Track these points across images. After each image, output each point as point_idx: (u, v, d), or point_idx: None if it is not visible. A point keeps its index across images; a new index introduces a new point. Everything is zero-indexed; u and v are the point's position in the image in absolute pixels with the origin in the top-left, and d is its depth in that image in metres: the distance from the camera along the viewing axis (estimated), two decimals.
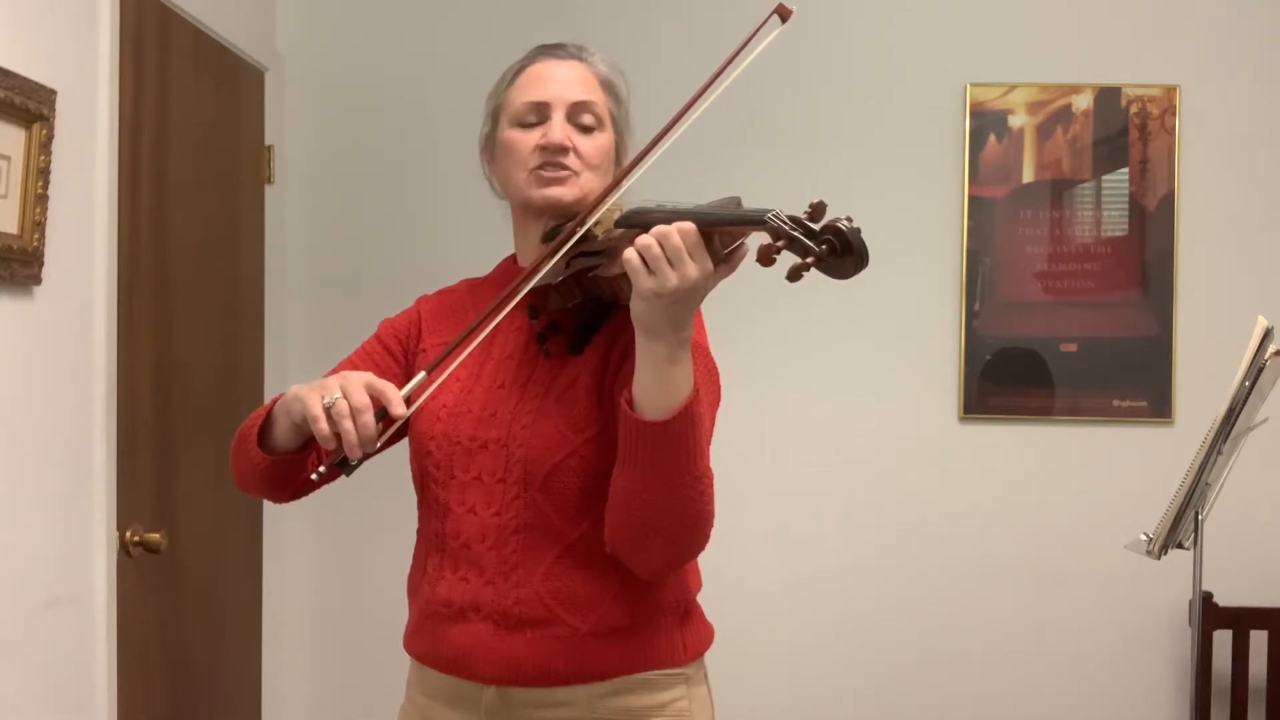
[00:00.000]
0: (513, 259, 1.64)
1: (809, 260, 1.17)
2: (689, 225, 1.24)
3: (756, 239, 1.23)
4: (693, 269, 1.24)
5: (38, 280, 2.02)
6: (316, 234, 3.17)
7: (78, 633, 2.17)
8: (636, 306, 1.28)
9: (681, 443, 1.31)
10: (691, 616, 1.56)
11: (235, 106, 2.91)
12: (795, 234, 1.18)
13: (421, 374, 1.41)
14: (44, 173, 2.00)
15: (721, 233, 1.26)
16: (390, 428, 1.38)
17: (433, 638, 1.51)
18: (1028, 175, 3.09)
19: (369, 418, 1.34)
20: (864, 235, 1.15)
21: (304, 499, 1.62)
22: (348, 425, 1.33)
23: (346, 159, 3.18)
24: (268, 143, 3.06)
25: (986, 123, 3.09)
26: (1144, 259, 3.06)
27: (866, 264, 1.16)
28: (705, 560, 1.54)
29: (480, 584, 1.46)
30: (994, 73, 3.09)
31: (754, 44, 1.37)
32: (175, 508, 2.57)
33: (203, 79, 2.70)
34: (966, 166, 3.09)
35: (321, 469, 1.39)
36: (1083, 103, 3.07)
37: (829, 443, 3.12)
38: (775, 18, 1.37)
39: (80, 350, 2.19)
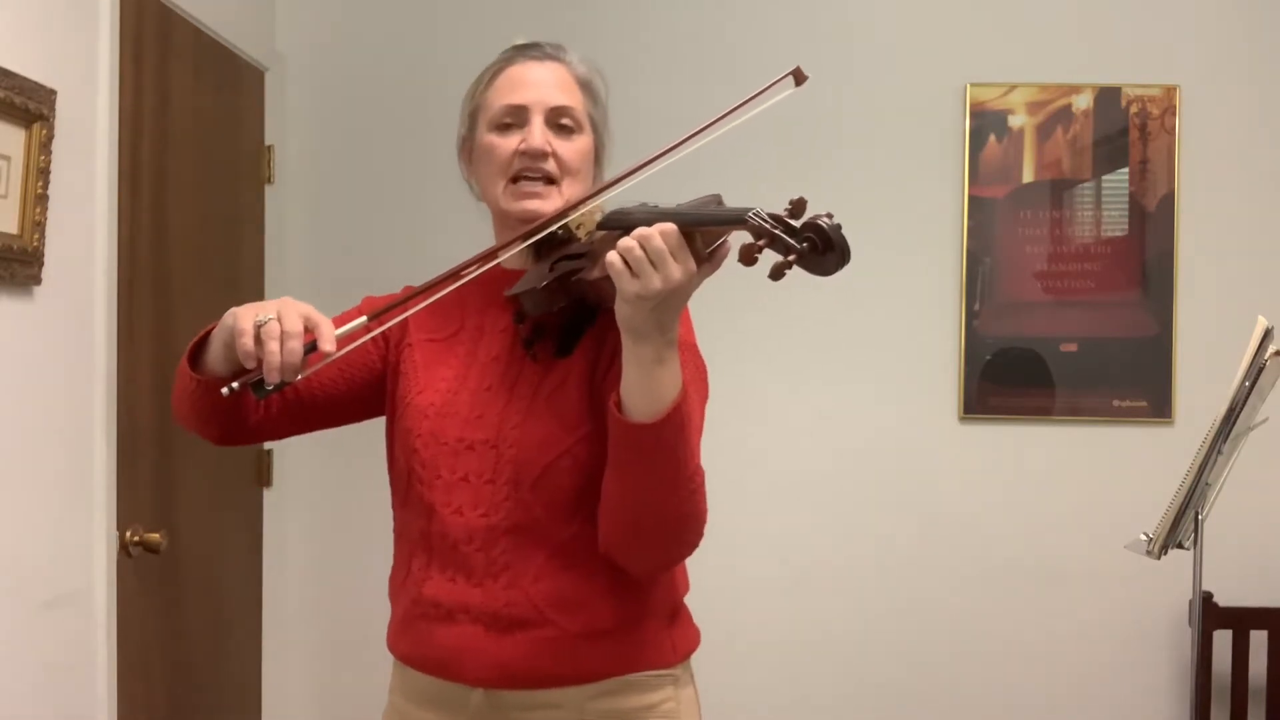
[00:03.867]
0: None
1: (790, 258, 1.17)
2: (670, 226, 1.24)
3: (739, 238, 1.23)
4: (676, 270, 1.23)
5: (38, 280, 2.02)
6: (316, 234, 3.17)
7: (78, 633, 2.17)
8: (621, 309, 1.27)
9: (672, 444, 1.30)
10: (679, 618, 1.56)
11: (235, 106, 2.91)
12: (776, 232, 1.18)
13: (362, 319, 1.40)
14: (44, 173, 2.00)
15: (703, 232, 1.26)
16: (317, 363, 1.35)
17: (419, 639, 1.50)
18: (1028, 175, 3.09)
19: (297, 344, 1.31)
20: (845, 231, 1.16)
21: (305, 499, 1.62)
22: (273, 347, 1.30)
23: (346, 159, 3.18)
24: (268, 143, 3.06)
25: (986, 123, 3.09)
26: (1144, 259, 3.06)
27: (848, 260, 1.16)
28: (704, 560, 1.54)
29: (468, 585, 1.45)
30: (994, 73, 3.09)
31: (764, 98, 1.37)
32: (175, 508, 2.57)
33: (203, 79, 2.70)
34: (966, 166, 3.09)
35: (235, 385, 1.34)
36: (1083, 103, 3.07)
37: (828, 443, 3.12)
38: (790, 79, 1.39)
39: (80, 350, 2.19)
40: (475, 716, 1.47)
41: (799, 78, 1.39)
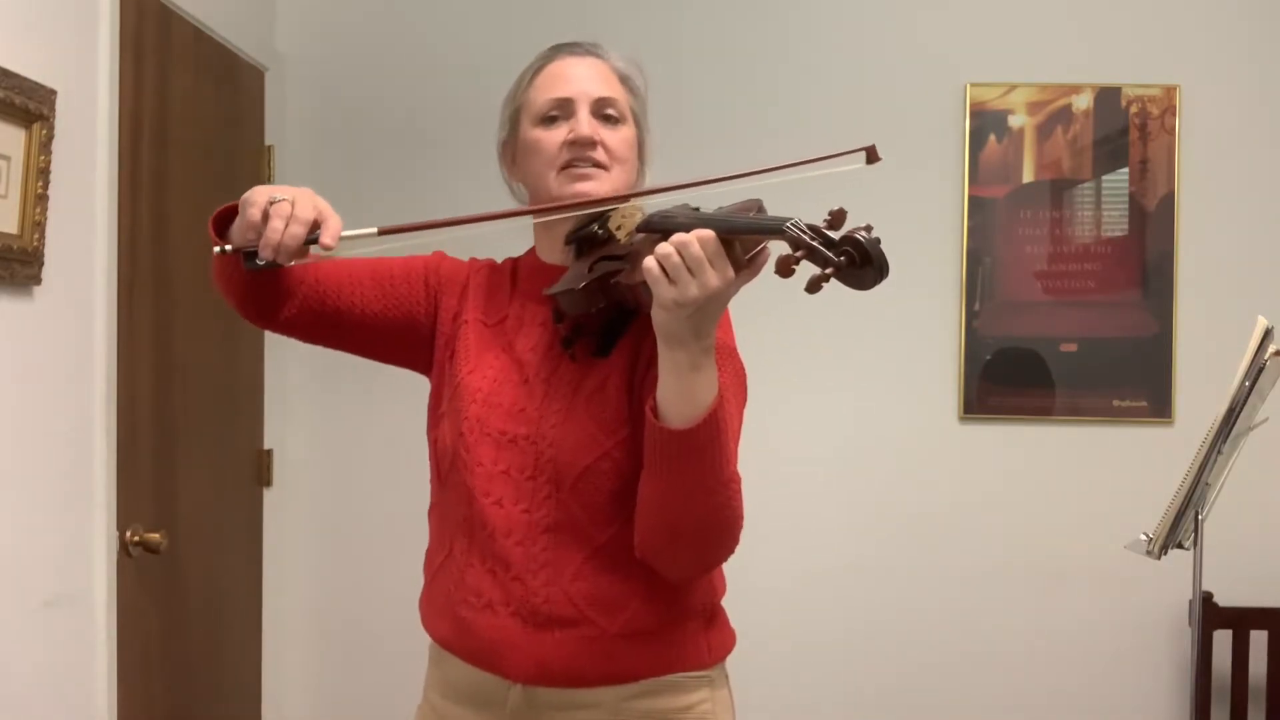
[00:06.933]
0: (532, 252, 1.63)
1: (828, 271, 1.16)
2: (709, 233, 1.23)
3: (777, 246, 1.22)
4: (713, 277, 1.23)
5: (38, 280, 2.02)
6: None
7: (78, 633, 2.17)
8: (658, 315, 1.27)
9: (708, 450, 1.30)
10: (717, 619, 1.56)
11: (235, 106, 2.91)
12: (814, 244, 1.17)
13: (373, 229, 1.43)
14: (44, 173, 2.00)
15: (742, 240, 1.25)
16: (315, 255, 1.40)
17: (459, 626, 1.49)
18: (1028, 175, 3.09)
19: (299, 230, 1.37)
20: (883, 245, 1.15)
21: (305, 499, 1.61)
22: (276, 224, 1.36)
23: (346, 159, 3.18)
24: (268, 143, 3.06)
25: (986, 123, 3.09)
26: (1144, 259, 3.06)
27: (886, 275, 1.16)
28: None
29: (508, 579, 1.45)
30: (994, 73, 3.09)
31: (831, 164, 1.36)
32: (175, 508, 2.57)
33: (203, 79, 2.70)
34: (966, 166, 3.09)
35: (228, 246, 1.41)
36: (1083, 103, 3.07)
37: (829, 442, 3.12)
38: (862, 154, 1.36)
39: (80, 350, 2.19)
40: (513, 714, 1.47)
41: (871, 156, 1.36)
